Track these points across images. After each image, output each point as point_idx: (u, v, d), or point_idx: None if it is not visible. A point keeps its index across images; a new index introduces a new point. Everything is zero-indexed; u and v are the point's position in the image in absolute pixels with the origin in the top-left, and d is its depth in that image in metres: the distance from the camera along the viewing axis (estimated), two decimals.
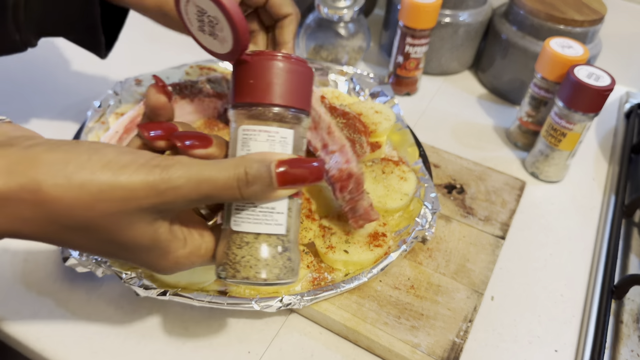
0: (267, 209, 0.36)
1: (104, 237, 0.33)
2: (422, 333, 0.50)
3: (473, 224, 0.62)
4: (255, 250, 0.36)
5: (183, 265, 0.38)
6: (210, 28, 0.37)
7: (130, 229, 0.33)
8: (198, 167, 0.34)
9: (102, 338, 0.49)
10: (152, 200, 0.32)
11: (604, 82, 0.62)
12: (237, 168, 0.34)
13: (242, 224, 0.37)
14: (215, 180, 0.33)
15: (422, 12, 0.75)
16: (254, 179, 0.34)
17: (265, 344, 0.50)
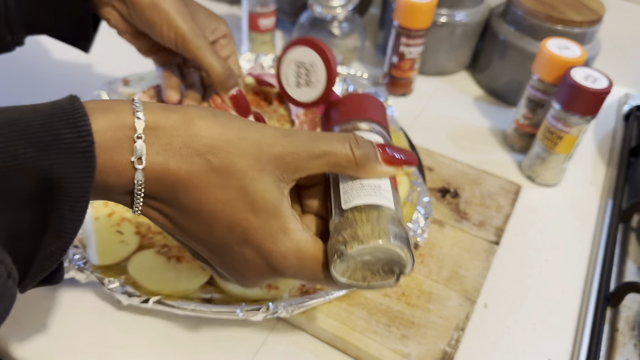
0: (374, 185, 0.37)
1: (237, 185, 0.33)
2: (413, 342, 0.49)
3: (467, 229, 0.60)
4: (368, 218, 0.35)
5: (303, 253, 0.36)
6: (306, 77, 0.43)
7: (260, 179, 0.34)
8: (313, 132, 0.37)
9: (84, 347, 0.48)
10: (281, 148, 0.34)
11: (602, 85, 0.61)
12: (348, 135, 0.37)
13: (353, 199, 0.36)
14: (331, 140, 0.35)
15: (418, 12, 0.73)
16: (362, 144, 0.36)
17: (252, 353, 0.49)
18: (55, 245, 0.30)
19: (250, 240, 0.35)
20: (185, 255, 0.51)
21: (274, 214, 0.34)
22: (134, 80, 0.69)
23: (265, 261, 0.35)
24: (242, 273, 0.37)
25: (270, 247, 0.35)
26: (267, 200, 0.34)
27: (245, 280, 0.38)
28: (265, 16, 0.82)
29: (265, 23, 0.83)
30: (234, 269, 0.37)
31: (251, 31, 0.84)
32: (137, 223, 0.54)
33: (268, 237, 0.35)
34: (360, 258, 0.34)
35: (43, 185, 0.28)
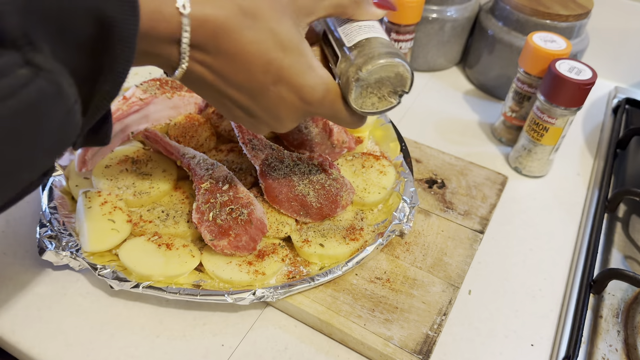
0: (369, 25, 0.44)
1: (266, 27, 0.37)
2: (396, 326, 0.50)
3: (452, 218, 0.62)
4: (374, 45, 0.42)
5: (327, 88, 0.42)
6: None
7: (283, 21, 0.38)
8: None
9: (77, 331, 0.50)
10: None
11: (585, 76, 0.62)
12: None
13: (355, 37, 0.43)
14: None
15: (406, 8, 0.75)
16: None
17: (240, 337, 0.50)
18: (109, 84, 0.32)
19: (284, 77, 0.39)
20: (174, 243, 0.53)
21: (300, 52, 0.39)
22: (129, 75, 0.71)
23: (298, 96, 0.41)
24: (278, 114, 0.42)
25: (301, 81, 0.40)
26: (293, 40, 0.39)
27: (281, 121, 0.43)
28: None
29: None
30: (271, 111, 0.42)
31: None
32: (129, 212, 0.55)
33: (299, 72, 0.40)
34: (372, 80, 0.42)
35: (97, 24, 0.30)
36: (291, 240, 0.55)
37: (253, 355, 0.49)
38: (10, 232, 0.57)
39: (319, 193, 0.56)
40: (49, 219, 0.53)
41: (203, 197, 0.53)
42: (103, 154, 0.60)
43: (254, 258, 0.53)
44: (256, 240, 0.53)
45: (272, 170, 0.57)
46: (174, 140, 0.62)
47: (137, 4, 0.31)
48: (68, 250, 0.51)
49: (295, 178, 0.57)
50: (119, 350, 0.49)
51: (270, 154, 0.58)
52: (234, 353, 0.49)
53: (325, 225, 0.56)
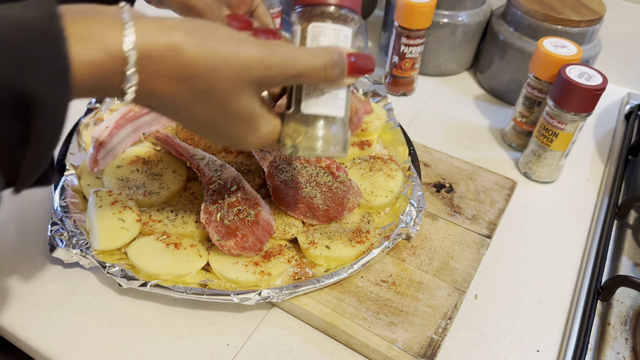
0: (333, 95, 0.42)
1: (218, 103, 0.38)
2: (400, 329, 0.50)
3: (459, 222, 0.62)
4: (318, 128, 0.43)
5: (263, 143, 0.43)
6: None
7: (239, 97, 0.38)
8: (294, 49, 0.39)
9: (85, 328, 0.51)
10: (259, 73, 0.37)
11: (596, 82, 0.62)
12: (325, 54, 0.39)
13: (312, 107, 0.42)
14: (308, 61, 0.38)
15: (417, 12, 0.75)
16: (336, 64, 0.39)
17: (245, 337, 0.51)
18: (35, 157, 0.33)
19: (224, 135, 0.41)
20: (182, 242, 0.53)
21: (247, 120, 0.40)
22: None
23: (235, 144, 0.43)
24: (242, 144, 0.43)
25: (240, 140, 0.42)
26: (242, 112, 0.39)
27: (247, 147, 0.43)
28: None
29: None
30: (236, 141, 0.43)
31: None
32: (139, 211, 0.56)
33: (240, 135, 0.41)
34: (304, 154, 0.43)
35: (20, 102, 0.30)
36: (298, 242, 0.56)
37: (258, 355, 0.50)
38: (22, 230, 0.58)
39: (326, 195, 0.57)
40: (60, 217, 0.54)
41: (211, 197, 0.54)
42: (115, 154, 0.61)
43: (260, 259, 0.53)
44: (263, 241, 0.53)
45: (279, 172, 0.57)
46: (183, 142, 0.63)
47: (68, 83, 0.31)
48: (78, 248, 0.52)
49: (303, 180, 0.57)
50: (126, 347, 0.49)
51: (278, 156, 0.59)
52: (239, 353, 0.50)
53: (331, 228, 0.57)
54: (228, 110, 0.38)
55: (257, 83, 0.38)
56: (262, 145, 0.44)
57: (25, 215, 0.60)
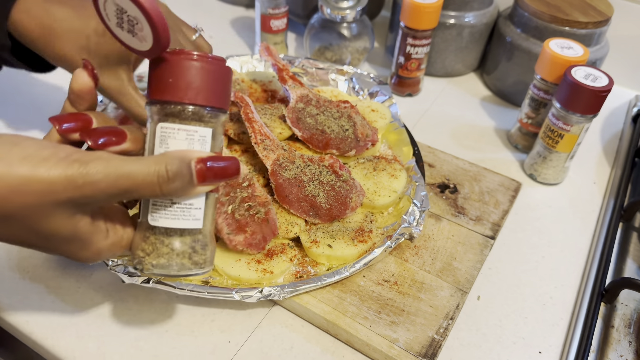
0: (185, 205, 0.37)
1: (23, 227, 0.34)
2: (402, 329, 0.50)
3: (463, 223, 0.61)
4: (170, 245, 0.38)
5: (105, 255, 0.39)
6: (130, 27, 0.36)
7: (49, 221, 0.34)
8: (117, 162, 0.34)
9: (88, 324, 0.51)
10: (70, 194, 0.33)
11: (602, 83, 0.62)
12: (158, 165, 0.34)
13: (159, 219, 0.37)
14: (135, 176, 0.34)
15: (423, 13, 0.75)
16: (174, 176, 0.35)
17: (246, 334, 0.51)
18: None
19: (56, 252, 0.37)
20: None
21: (69, 239, 0.36)
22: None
23: (74, 259, 0.38)
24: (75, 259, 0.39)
25: (75, 255, 0.38)
26: (58, 233, 0.35)
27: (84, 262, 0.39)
28: (277, 17, 0.84)
29: (277, 24, 0.85)
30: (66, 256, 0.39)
31: (264, 32, 0.86)
32: None
33: (71, 252, 0.37)
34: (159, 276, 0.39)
35: None
36: (300, 241, 0.56)
37: (259, 352, 0.50)
38: None
39: (329, 194, 0.57)
40: None
41: (224, 189, 0.54)
42: None
43: (263, 257, 0.53)
44: (267, 240, 0.53)
45: (283, 171, 0.58)
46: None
47: None
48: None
49: (306, 179, 0.57)
50: (128, 343, 0.50)
51: (282, 154, 0.59)
52: (240, 350, 0.50)
53: (334, 227, 0.57)
54: (39, 232, 0.34)
55: (70, 203, 0.34)
56: (106, 257, 0.39)
57: None
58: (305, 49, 0.88)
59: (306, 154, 0.62)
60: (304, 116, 0.65)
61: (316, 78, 0.79)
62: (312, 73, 0.79)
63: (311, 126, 0.64)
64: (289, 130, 0.65)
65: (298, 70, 0.79)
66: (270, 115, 0.66)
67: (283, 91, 0.71)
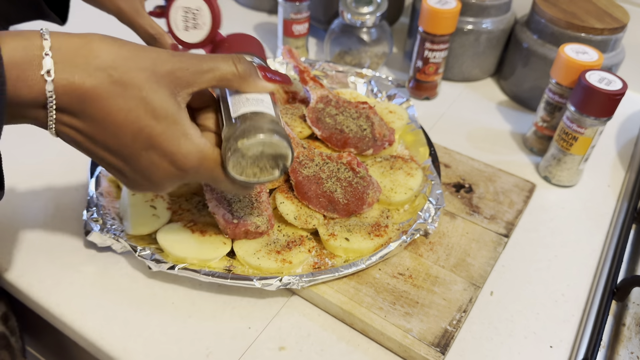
0: (257, 98, 0.44)
1: (137, 95, 0.38)
2: (415, 319, 0.52)
3: (478, 221, 0.63)
4: (254, 120, 0.43)
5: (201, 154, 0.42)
6: (193, 19, 0.46)
7: (157, 91, 0.39)
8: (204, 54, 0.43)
9: (115, 308, 0.53)
10: (172, 65, 0.40)
11: (615, 87, 0.63)
12: (231, 55, 0.43)
13: (240, 109, 0.43)
14: (216, 58, 0.42)
15: (441, 18, 0.77)
16: (243, 60, 0.43)
17: (266, 321, 0.53)
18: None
19: (155, 145, 0.40)
20: (208, 230, 0.56)
21: (174, 120, 0.40)
22: None
23: (170, 161, 0.41)
24: (151, 178, 0.42)
25: (173, 149, 0.40)
26: (166, 109, 0.39)
27: (154, 184, 0.43)
28: (299, 22, 0.87)
29: (299, 29, 0.88)
30: (144, 175, 0.42)
31: (286, 36, 0.89)
32: (170, 200, 0.59)
33: (171, 140, 0.40)
34: (250, 153, 0.42)
35: None
36: (318, 234, 0.58)
37: (277, 339, 0.52)
38: (59, 216, 0.62)
39: (346, 190, 0.59)
40: (95, 204, 0.58)
41: None
42: None
43: (282, 248, 0.55)
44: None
45: (302, 168, 0.60)
46: None
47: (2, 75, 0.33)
48: (112, 232, 0.55)
49: (324, 176, 0.59)
50: (153, 327, 0.52)
51: (302, 152, 0.61)
52: (259, 336, 0.52)
53: (351, 221, 0.59)
54: (149, 105, 0.39)
55: (171, 78, 0.40)
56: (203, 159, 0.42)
57: (62, 201, 0.64)
58: (326, 53, 0.91)
59: (325, 152, 0.64)
60: (323, 116, 0.67)
61: (336, 80, 0.81)
62: (331, 76, 0.81)
63: (330, 126, 0.66)
64: (309, 129, 0.67)
65: (318, 73, 0.81)
66: (291, 114, 0.69)
67: (304, 92, 0.73)
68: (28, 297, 0.55)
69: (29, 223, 0.61)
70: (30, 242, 0.59)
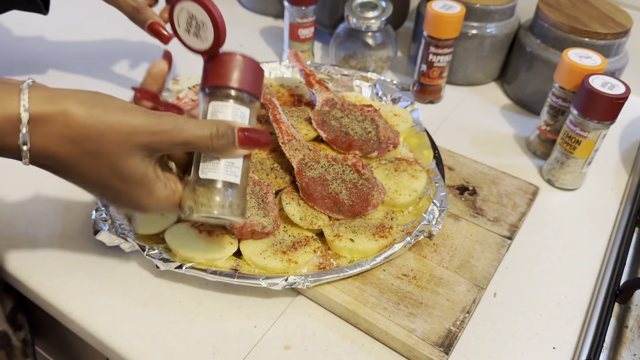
0: (228, 162, 0.46)
1: (108, 164, 0.42)
2: (419, 320, 0.53)
3: (481, 223, 0.64)
4: (215, 193, 0.46)
5: (162, 206, 0.46)
6: (196, 30, 0.46)
7: (129, 159, 0.42)
8: (183, 119, 0.43)
9: (123, 306, 0.54)
10: (147, 138, 0.42)
11: (618, 91, 0.63)
12: (212, 125, 0.44)
13: (208, 173, 0.46)
14: (194, 130, 0.43)
15: (446, 23, 0.78)
16: (222, 135, 0.44)
17: (271, 320, 0.54)
18: None
19: (122, 198, 0.45)
20: (215, 231, 0.57)
21: (139, 181, 0.43)
22: (183, 79, 0.77)
23: (134, 207, 0.46)
24: (138, 206, 0.46)
25: (137, 203, 0.45)
26: (133, 173, 0.43)
27: (143, 210, 0.46)
28: (305, 26, 0.88)
29: (305, 33, 0.89)
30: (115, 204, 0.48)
31: (292, 40, 0.90)
32: None
33: (136, 197, 0.44)
34: (200, 219, 0.47)
35: None
36: (323, 235, 0.58)
37: (283, 338, 0.52)
38: (69, 216, 0.63)
39: (351, 192, 0.59)
40: (104, 204, 0.58)
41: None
42: None
43: (288, 248, 0.56)
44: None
45: (308, 170, 0.61)
46: None
47: None
48: (120, 232, 0.56)
49: (330, 177, 0.60)
50: (160, 326, 0.53)
51: (308, 154, 0.62)
52: (265, 335, 0.53)
53: (356, 222, 0.59)
54: (119, 171, 0.42)
55: (145, 147, 0.42)
56: (161, 209, 0.46)
57: (71, 201, 0.64)
58: (331, 57, 0.92)
59: (330, 154, 0.65)
60: (328, 119, 0.68)
61: (341, 84, 0.82)
62: (337, 79, 0.82)
63: (335, 128, 0.67)
64: (315, 131, 0.68)
65: (323, 76, 0.82)
66: (297, 117, 0.69)
67: (309, 95, 0.74)
68: (37, 296, 0.56)
69: (39, 222, 0.62)
70: (40, 241, 0.60)
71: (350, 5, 0.86)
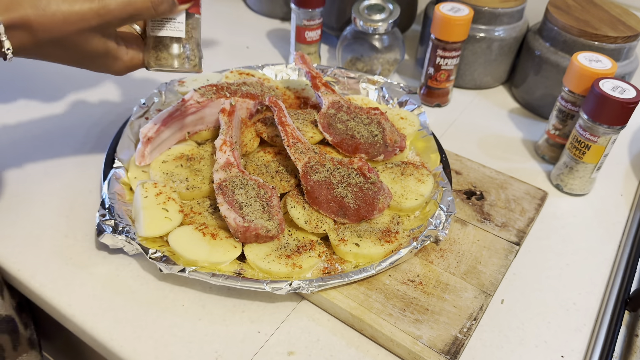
0: (171, 19, 0.54)
1: (74, 48, 0.49)
2: (425, 326, 0.52)
3: (489, 229, 0.63)
4: (167, 47, 0.55)
5: (130, 66, 0.55)
6: None
7: (88, 42, 0.49)
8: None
9: (126, 309, 0.54)
10: (96, 21, 0.48)
11: (629, 95, 0.63)
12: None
13: (155, 30, 0.54)
14: (136, 4, 0.49)
15: (453, 26, 0.77)
16: (161, 1, 0.50)
17: (275, 325, 0.53)
18: None
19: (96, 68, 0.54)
20: (219, 234, 0.56)
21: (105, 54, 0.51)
22: (189, 81, 0.76)
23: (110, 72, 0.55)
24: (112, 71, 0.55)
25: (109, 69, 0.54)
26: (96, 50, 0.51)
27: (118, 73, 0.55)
28: (312, 29, 0.88)
29: (311, 35, 0.88)
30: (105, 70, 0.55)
31: (298, 43, 0.90)
32: (181, 203, 0.59)
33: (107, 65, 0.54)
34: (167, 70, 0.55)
35: None
36: (328, 239, 0.58)
37: (286, 343, 0.52)
38: (73, 217, 0.63)
39: (357, 195, 0.59)
40: (108, 206, 0.58)
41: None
42: (161, 150, 0.64)
43: (293, 252, 0.55)
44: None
45: (313, 173, 0.60)
46: None
47: None
48: (124, 234, 0.55)
49: (335, 181, 0.60)
50: (163, 329, 0.52)
51: (313, 157, 0.61)
52: (269, 340, 0.52)
53: (361, 227, 0.59)
54: (85, 52, 0.50)
55: (97, 28, 0.48)
56: (130, 69, 0.55)
57: (75, 203, 0.64)
58: (338, 59, 0.91)
59: (336, 157, 0.64)
60: (334, 122, 0.67)
61: (347, 87, 0.82)
62: (343, 82, 0.82)
63: (341, 131, 0.67)
64: (320, 134, 0.67)
65: (330, 79, 0.82)
66: (303, 120, 0.69)
67: (315, 97, 0.73)
68: (40, 297, 0.55)
69: (42, 224, 0.62)
70: (43, 242, 0.59)
71: (358, 7, 0.85)
